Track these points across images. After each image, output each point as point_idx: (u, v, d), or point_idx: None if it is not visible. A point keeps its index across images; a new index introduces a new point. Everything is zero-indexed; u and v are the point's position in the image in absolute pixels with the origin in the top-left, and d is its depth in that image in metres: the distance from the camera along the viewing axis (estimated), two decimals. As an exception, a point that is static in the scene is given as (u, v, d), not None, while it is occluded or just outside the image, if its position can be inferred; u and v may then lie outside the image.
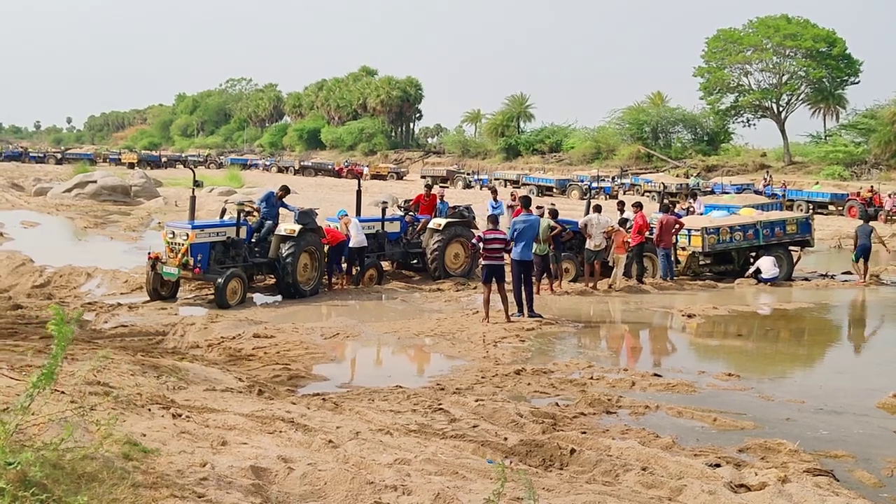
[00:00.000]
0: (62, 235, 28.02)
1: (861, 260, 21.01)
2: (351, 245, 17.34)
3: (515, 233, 14.85)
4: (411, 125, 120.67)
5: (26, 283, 16.20)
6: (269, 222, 16.80)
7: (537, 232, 15.55)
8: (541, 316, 14.72)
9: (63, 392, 5.92)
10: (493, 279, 14.41)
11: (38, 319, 12.82)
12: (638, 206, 19.84)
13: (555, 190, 57.31)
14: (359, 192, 20.59)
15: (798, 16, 69.34)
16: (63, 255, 19.49)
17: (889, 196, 43.13)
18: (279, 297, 16.34)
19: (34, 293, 15.42)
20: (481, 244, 14.60)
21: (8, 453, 4.17)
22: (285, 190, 17.62)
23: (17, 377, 7.02)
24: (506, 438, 7.41)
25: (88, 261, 18.77)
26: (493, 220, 15.22)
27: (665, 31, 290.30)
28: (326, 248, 17.12)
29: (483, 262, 14.71)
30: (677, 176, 61.50)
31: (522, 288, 14.89)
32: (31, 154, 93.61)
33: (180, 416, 6.74)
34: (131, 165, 76.16)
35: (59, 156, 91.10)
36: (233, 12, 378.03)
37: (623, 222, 19.02)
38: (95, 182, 39.77)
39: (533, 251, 15.43)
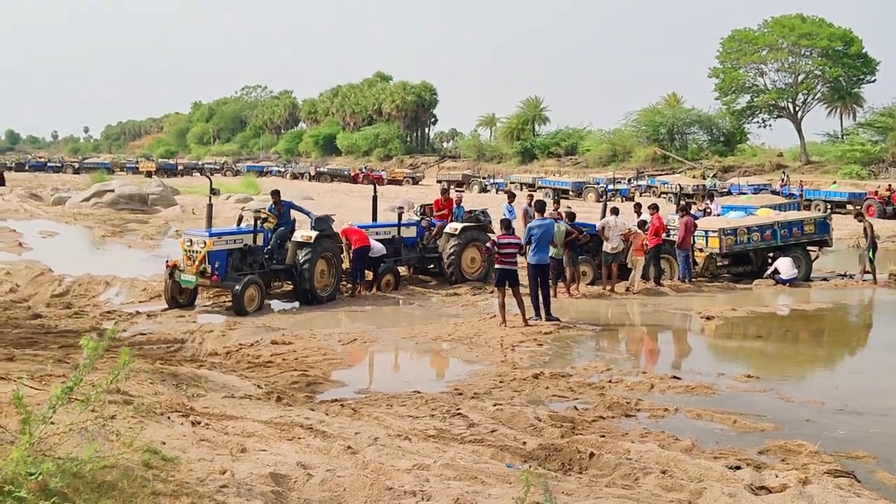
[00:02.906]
0: (80, 244, 28.17)
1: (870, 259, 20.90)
2: (370, 254, 17.39)
3: (531, 237, 14.85)
4: (426, 130, 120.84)
5: (45, 292, 16.27)
6: (281, 228, 16.83)
7: (553, 236, 15.52)
8: (558, 319, 14.70)
9: (83, 401, 5.94)
10: (507, 283, 14.40)
11: (57, 329, 12.89)
12: (654, 208, 19.80)
13: (571, 193, 57.17)
14: (375, 198, 20.63)
15: (813, 15, 69.15)
16: (82, 264, 19.56)
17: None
18: (296, 304, 16.37)
19: (53, 302, 15.49)
20: (495, 248, 14.58)
21: (29, 463, 4.20)
22: (276, 194, 17.44)
23: (38, 387, 7.06)
24: (524, 443, 7.40)
25: (107, 269, 18.84)
26: (507, 224, 15.20)
27: (679, 32, 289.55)
28: (352, 250, 17.15)
29: (496, 266, 14.71)
30: (694, 177, 61.36)
31: (539, 291, 14.89)
32: (48, 164, 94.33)
33: (199, 423, 6.76)
34: (149, 174, 76.41)
35: (76, 165, 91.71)
36: (247, 20, 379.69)
37: (641, 224, 18.98)
38: (113, 191, 39.93)
39: (549, 255, 15.41)
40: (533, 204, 17.12)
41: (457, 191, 23.97)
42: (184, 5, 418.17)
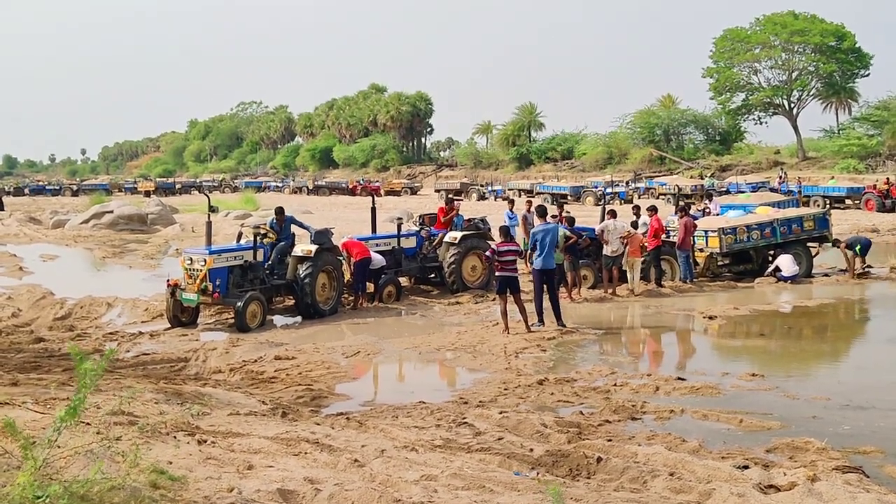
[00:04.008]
0: (81, 267, 28.17)
1: (859, 255, 20.85)
2: (371, 266, 17.42)
3: (535, 242, 14.86)
4: (423, 139, 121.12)
5: (47, 316, 16.27)
6: (282, 243, 16.85)
7: (557, 240, 15.48)
8: (563, 325, 14.68)
9: (88, 423, 5.95)
10: (508, 290, 14.39)
11: (60, 352, 12.88)
12: (653, 210, 19.83)
13: (569, 197, 57.15)
14: (373, 210, 20.62)
15: (805, 11, 69.39)
16: (83, 287, 19.57)
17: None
18: (299, 318, 16.35)
19: (56, 326, 15.49)
20: (495, 256, 14.58)
21: (36, 487, 4.20)
22: (280, 211, 17.48)
23: (42, 411, 7.06)
24: (531, 449, 7.39)
25: (108, 291, 18.85)
26: (506, 231, 15.20)
27: (672, 33, 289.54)
28: (352, 262, 17.18)
29: (497, 274, 14.70)
30: (691, 177, 61.43)
31: (545, 297, 14.88)
32: (47, 187, 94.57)
33: (205, 441, 6.76)
34: (147, 194, 76.48)
35: (74, 188, 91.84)
36: (240, 37, 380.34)
37: (633, 226, 19.04)
38: (112, 212, 39.92)
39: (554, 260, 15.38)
40: (534, 209, 17.11)
41: (455, 199, 23.88)
42: (176, 24, 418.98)
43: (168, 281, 15.66)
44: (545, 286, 14.96)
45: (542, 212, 16.04)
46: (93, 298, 17.74)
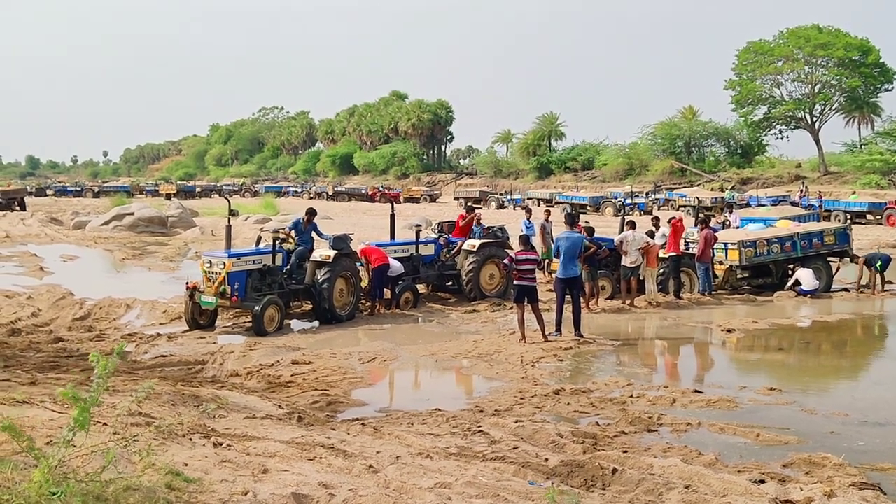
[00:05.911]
0: (101, 268, 28.30)
1: (880, 272, 20.69)
2: (389, 272, 17.45)
3: (558, 249, 14.85)
4: (443, 147, 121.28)
5: (67, 316, 16.37)
6: (300, 248, 16.88)
7: (580, 249, 15.39)
8: (581, 335, 14.64)
9: (105, 424, 5.98)
10: (526, 299, 14.37)
11: (78, 352, 12.95)
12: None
13: (588, 207, 57.13)
14: (392, 216, 20.66)
15: (829, 25, 68.99)
16: (102, 288, 19.69)
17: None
18: (316, 323, 16.39)
19: (75, 326, 15.57)
20: (513, 265, 14.56)
21: (52, 485, 4.22)
22: (311, 213, 17.57)
23: (60, 410, 7.10)
24: (546, 459, 7.36)
25: (127, 292, 18.96)
26: (525, 240, 15.17)
27: (694, 45, 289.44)
28: (370, 268, 17.21)
29: (515, 283, 14.69)
30: (712, 190, 61.22)
31: (566, 306, 14.85)
32: (68, 188, 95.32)
33: (221, 444, 6.78)
34: (168, 196, 76.87)
35: (96, 189, 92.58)
36: (263, 42, 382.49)
37: (651, 236, 19.02)
38: (133, 214, 40.12)
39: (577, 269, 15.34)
40: (564, 216, 17.05)
41: (474, 207, 23.94)
42: (201, 28, 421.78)
43: (187, 283, 15.74)
44: (568, 295, 14.93)
45: (569, 220, 15.97)
46: (112, 299, 17.84)
